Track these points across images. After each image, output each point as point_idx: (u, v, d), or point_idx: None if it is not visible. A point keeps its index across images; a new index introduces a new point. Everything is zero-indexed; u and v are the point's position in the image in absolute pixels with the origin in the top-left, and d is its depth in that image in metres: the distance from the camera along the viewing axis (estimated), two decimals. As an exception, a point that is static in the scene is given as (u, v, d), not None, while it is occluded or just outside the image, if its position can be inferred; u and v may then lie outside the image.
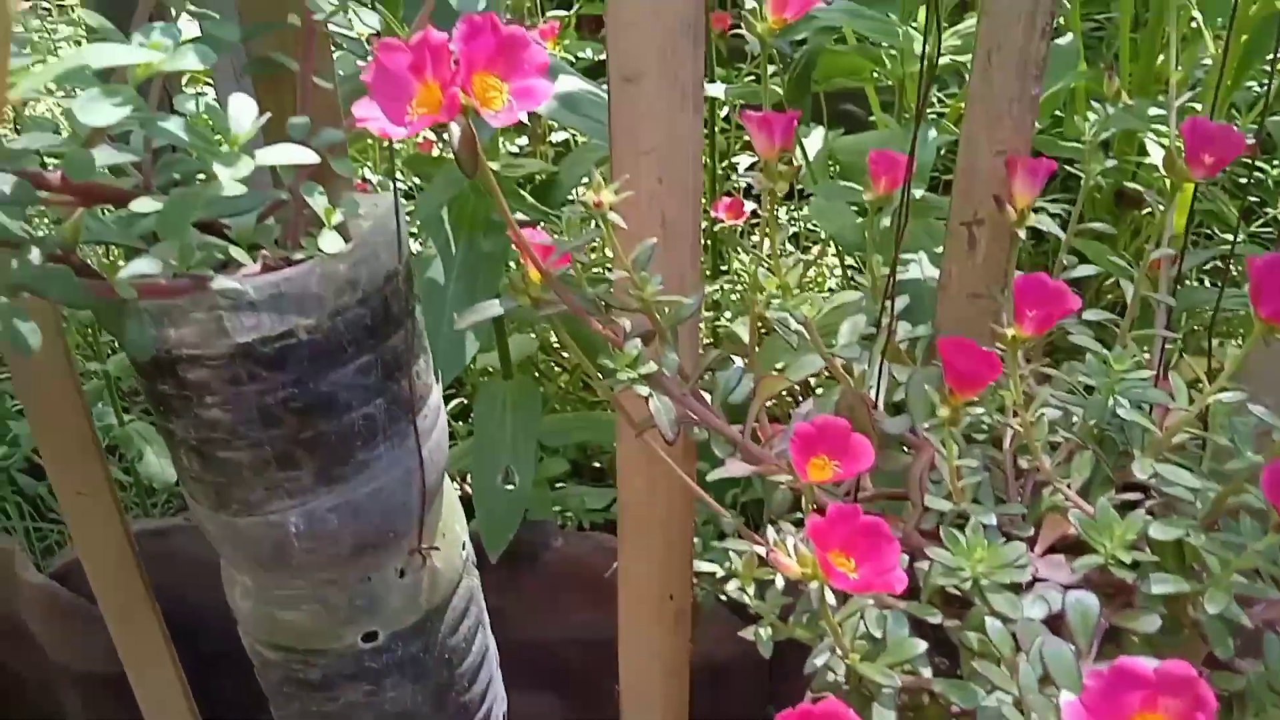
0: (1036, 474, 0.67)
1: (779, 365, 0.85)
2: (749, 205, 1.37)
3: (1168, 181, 0.71)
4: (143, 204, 0.55)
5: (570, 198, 1.24)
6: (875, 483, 0.72)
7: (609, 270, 0.80)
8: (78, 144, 0.51)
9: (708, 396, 0.68)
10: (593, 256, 1.36)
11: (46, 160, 0.72)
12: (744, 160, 1.58)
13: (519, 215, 1.16)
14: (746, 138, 1.43)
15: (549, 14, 1.66)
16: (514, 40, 0.52)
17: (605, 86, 0.71)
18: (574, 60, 1.53)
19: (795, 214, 1.57)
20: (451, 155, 0.54)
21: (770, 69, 1.25)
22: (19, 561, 1.18)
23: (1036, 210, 0.70)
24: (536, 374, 1.52)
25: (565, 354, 1.60)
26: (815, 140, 1.16)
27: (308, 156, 0.53)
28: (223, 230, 0.64)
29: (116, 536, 0.88)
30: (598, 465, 1.51)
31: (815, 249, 1.60)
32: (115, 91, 0.47)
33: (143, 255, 0.56)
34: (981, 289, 0.75)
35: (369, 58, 0.53)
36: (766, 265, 0.72)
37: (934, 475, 0.66)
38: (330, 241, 0.60)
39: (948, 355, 0.57)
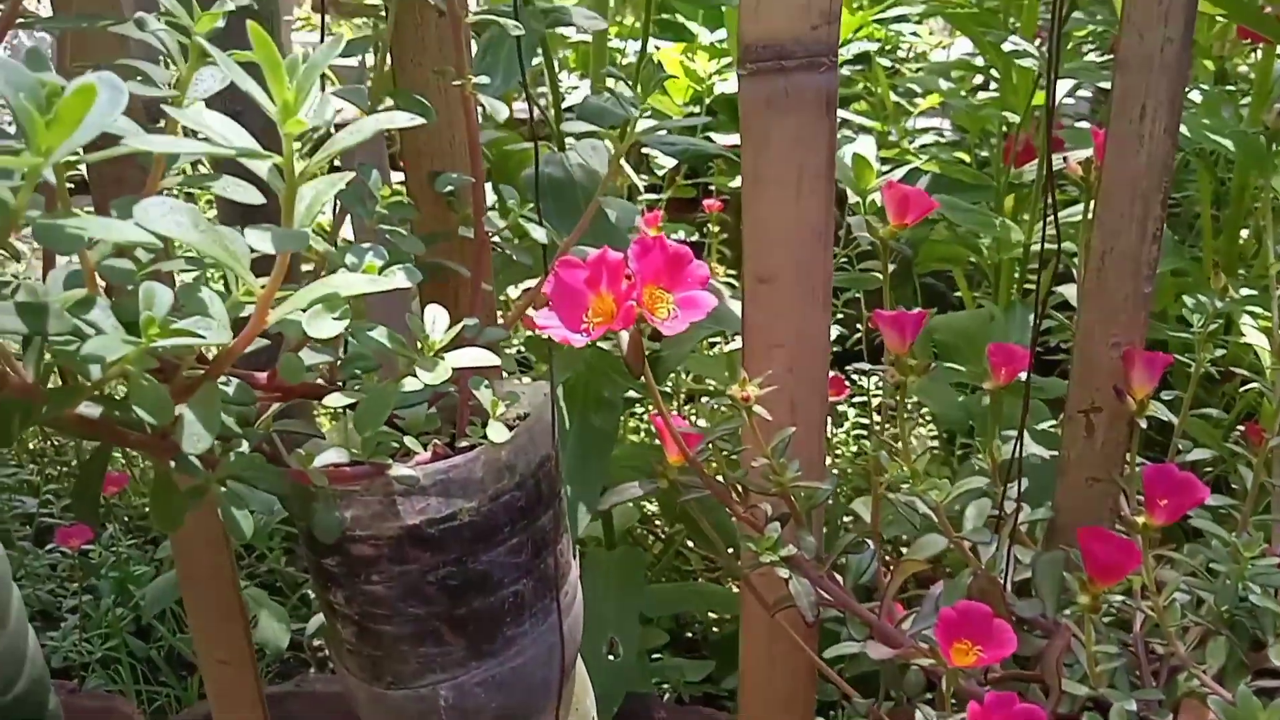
0: (1171, 659, 0.68)
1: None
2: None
3: (1270, 369, 0.74)
4: (336, 399, 0.62)
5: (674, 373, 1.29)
6: (1003, 665, 0.73)
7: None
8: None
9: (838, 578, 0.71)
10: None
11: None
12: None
13: (630, 393, 1.22)
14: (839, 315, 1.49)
15: (640, 199, 1.76)
16: (679, 257, 0.58)
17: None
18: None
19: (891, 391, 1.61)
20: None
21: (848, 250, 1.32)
22: (137, 725, 1.21)
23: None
24: (631, 544, 1.55)
25: (659, 525, 1.63)
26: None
27: (490, 359, 0.59)
28: (394, 420, 0.70)
29: (253, 704, 0.91)
30: (689, 635, 1.51)
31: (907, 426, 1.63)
32: (335, 307, 0.53)
33: (331, 446, 0.62)
34: (1100, 474, 0.77)
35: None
36: (891, 451, 0.76)
37: (1067, 658, 0.68)
38: (497, 432, 0.65)
39: (1087, 544, 0.60)
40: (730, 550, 1.43)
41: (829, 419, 1.54)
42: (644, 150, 1.82)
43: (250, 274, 0.45)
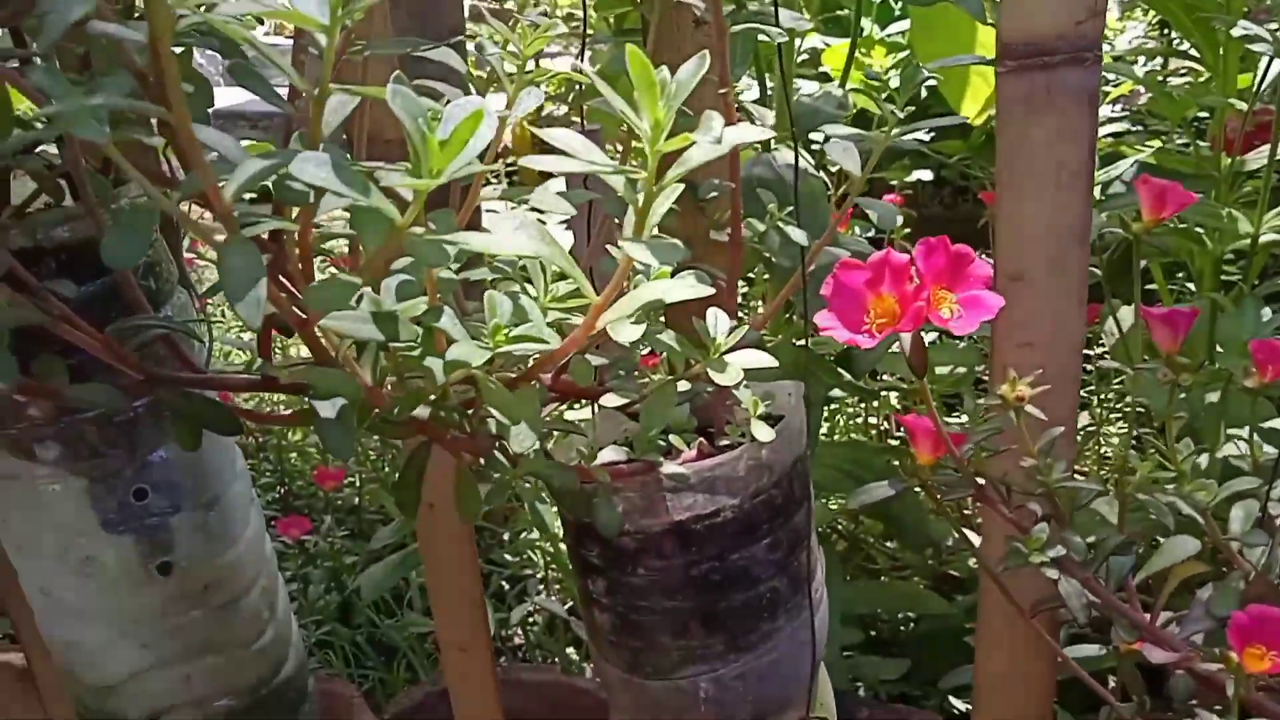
0: None
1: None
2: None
3: None
4: (611, 399, 0.64)
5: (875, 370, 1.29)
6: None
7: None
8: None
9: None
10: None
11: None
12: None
13: (835, 391, 1.22)
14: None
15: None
16: (961, 256, 0.58)
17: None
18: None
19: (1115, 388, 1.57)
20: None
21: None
22: (356, 707, 1.27)
23: None
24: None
25: (841, 524, 1.62)
26: (1127, 316, 1.18)
27: (769, 361, 0.60)
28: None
29: (489, 689, 0.95)
30: (872, 633, 1.51)
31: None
32: (644, 317, 0.55)
33: (611, 446, 0.65)
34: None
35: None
36: (1144, 451, 0.74)
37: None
38: (762, 431, 0.66)
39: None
40: (928, 550, 1.42)
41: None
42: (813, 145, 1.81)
43: (589, 284, 0.47)
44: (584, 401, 0.69)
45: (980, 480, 0.68)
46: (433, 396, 0.51)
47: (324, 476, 1.33)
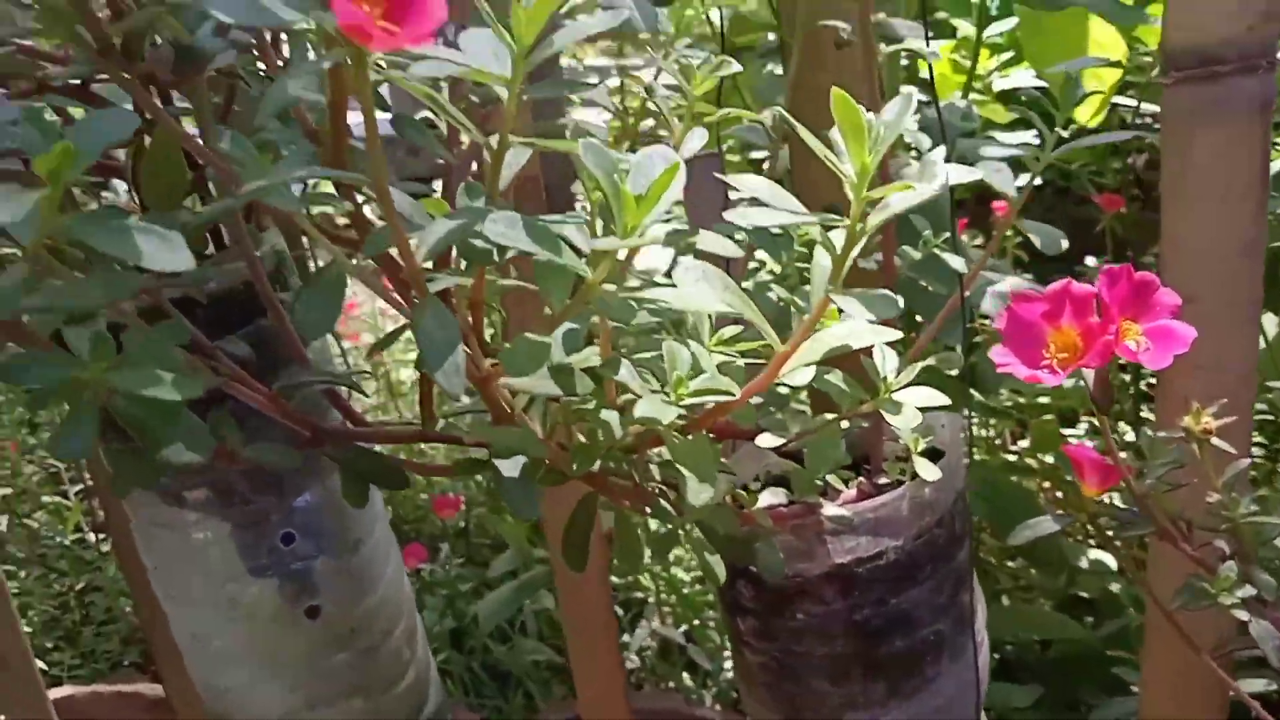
0: None
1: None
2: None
3: None
4: (767, 439, 0.62)
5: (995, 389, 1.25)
6: None
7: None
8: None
9: None
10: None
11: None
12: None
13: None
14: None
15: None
16: (1146, 284, 0.55)
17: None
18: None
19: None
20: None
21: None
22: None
23: None
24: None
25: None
26: (1271, 324, 1.13)
27: (942, 399, 0.58)
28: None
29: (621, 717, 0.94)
30: (996, 656, 1.46)
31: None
32: (811, 359, 0.52)
33: (768, 488, 0.63)
34: None
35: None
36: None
37: None
38: (928, 469, 0.64)
39: None
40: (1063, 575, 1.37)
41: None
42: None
43: (773, 332, 0.45)
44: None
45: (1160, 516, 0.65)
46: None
47: (442, 505, 1.34)
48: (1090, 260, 1.56)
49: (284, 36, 0.51)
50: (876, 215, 0.40)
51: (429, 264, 0.42)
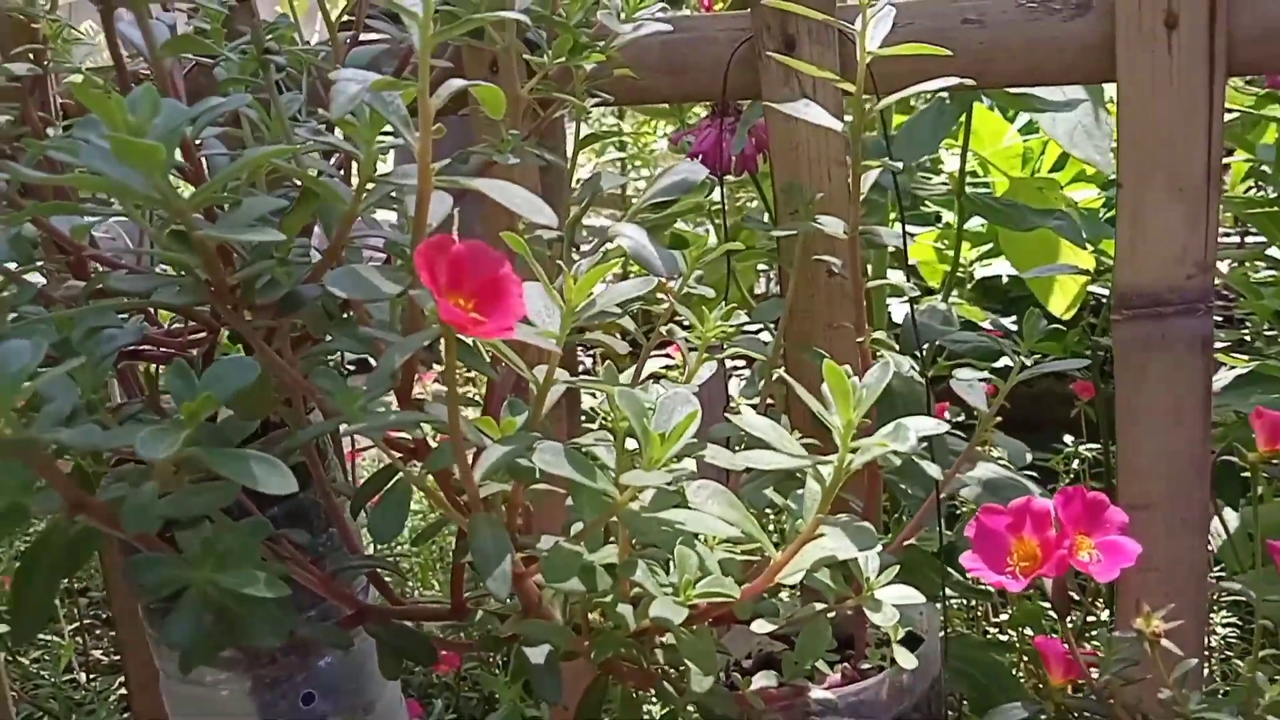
0: None
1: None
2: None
3: None
4: (761, 625, 0.68)
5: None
6: None
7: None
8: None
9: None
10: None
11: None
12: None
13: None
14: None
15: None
16: (1097, 503, 0.63)
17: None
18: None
19: None
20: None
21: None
22: None
23: None
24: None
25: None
26: (1232, 519, 1.20)
27: (917, 596, 0.64)
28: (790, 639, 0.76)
29: None
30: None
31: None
32: (802, 567, 0.59)
33: (760, 671, 0.69)
34: None
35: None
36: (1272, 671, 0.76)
37: None
38: (906, 657, 0.70)
39: None
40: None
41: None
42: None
43: (772, 547, 0.52)
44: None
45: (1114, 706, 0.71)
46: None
47: (445, 661, 1.38)
48: (1068, 438, 1.64)
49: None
50: (859, 458, 0.48)
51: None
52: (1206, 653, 1.26)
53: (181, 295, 0.50)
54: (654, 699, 0.66)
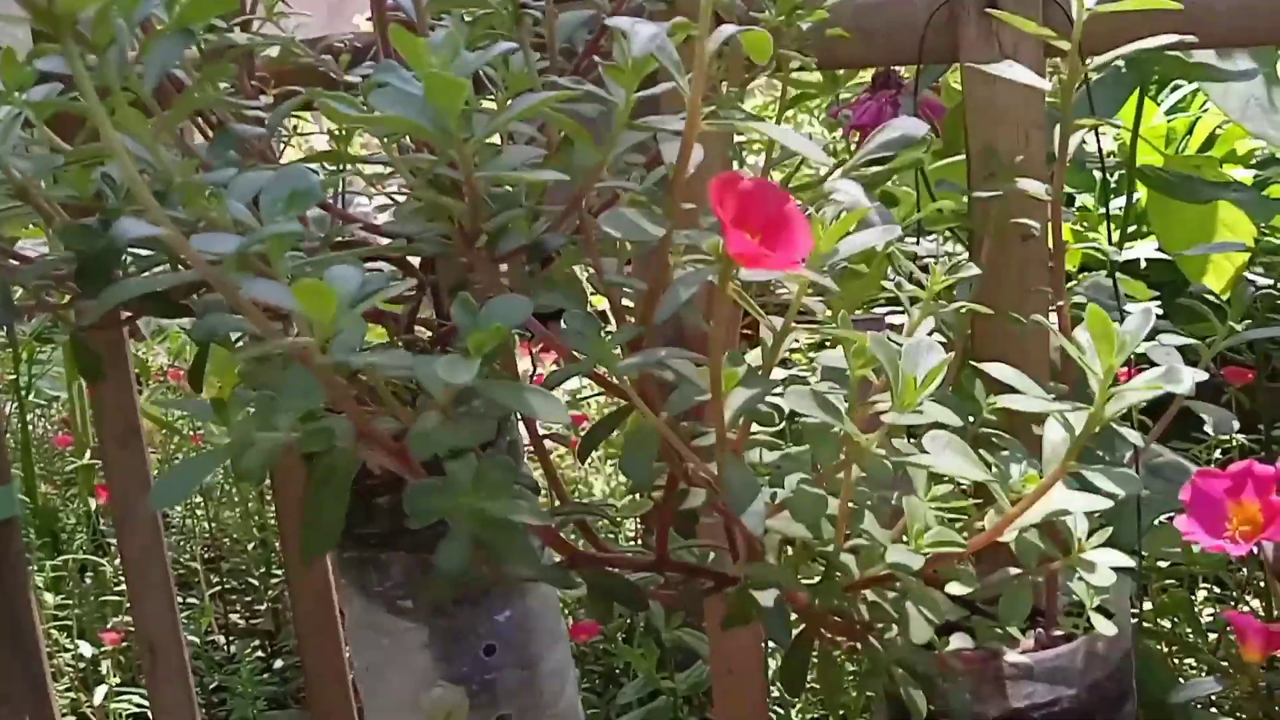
0: None
1: None
2: None
3: None
4: (956, 587, 0.68)
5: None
6: None
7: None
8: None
9: None
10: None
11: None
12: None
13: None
14: None
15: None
16: (1321, 470, 0.61)
17: None
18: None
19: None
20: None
21: None
22: None
23: None
24: None
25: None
26: None
27: (1127, 561, 0.64)
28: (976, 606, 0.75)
29: None
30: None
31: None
32: (1033, 521, 0.59)
33: (958, 633, 0.69)
34: None
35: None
36: None
37: None
38: (1103, 624, 0.69)
39: None
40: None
41: None
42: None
43: (1007, 500, 0.52)
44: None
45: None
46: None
47: (578, 630, 1.40)
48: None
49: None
50: (1114, 404, 0.47)
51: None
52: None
53: (432, 245, 0.52)
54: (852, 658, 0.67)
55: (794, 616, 0.60)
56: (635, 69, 0.46)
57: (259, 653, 1.78)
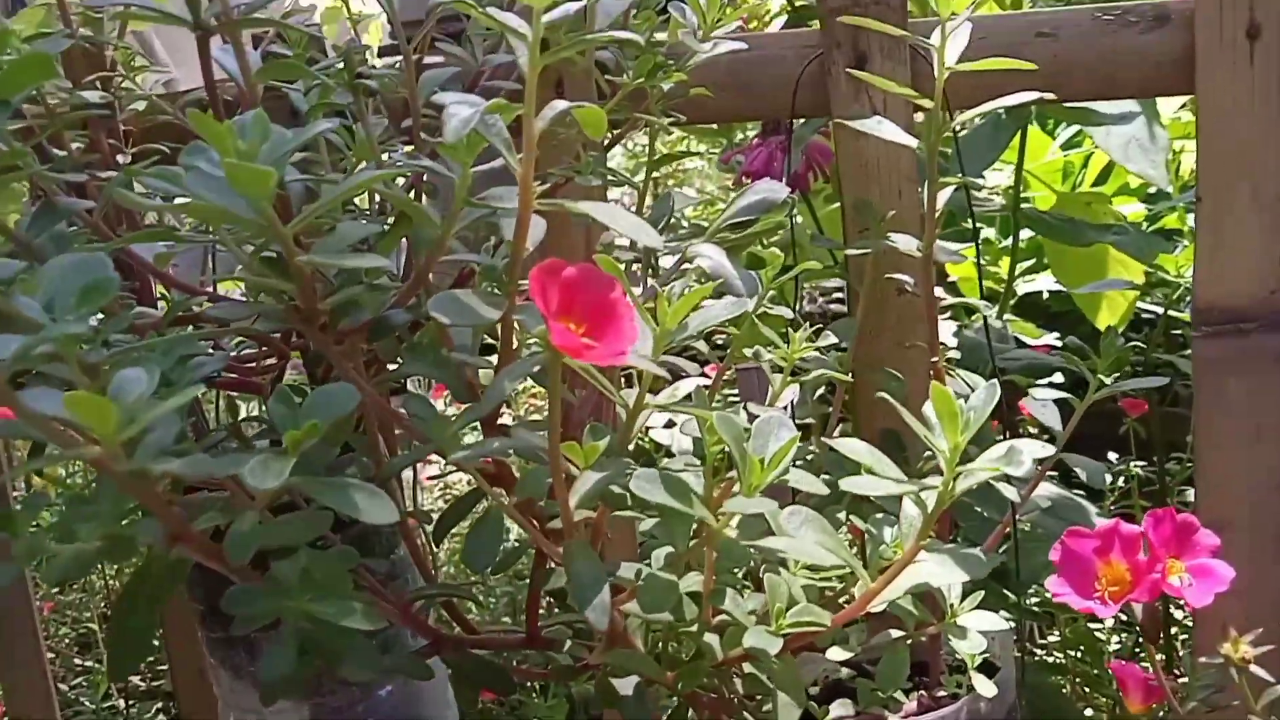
0: None
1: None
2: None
3: None
4: (835, 653, 0.67)
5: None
6: None
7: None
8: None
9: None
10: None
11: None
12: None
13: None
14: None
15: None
16: (1187, 525, 0.61)
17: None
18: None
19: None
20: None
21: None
22: None
23: None
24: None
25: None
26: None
27: (1001, 624, 0.63)
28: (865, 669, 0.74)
29: None
30: None
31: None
32: (895, 595, 0.58)
33: (839, 700, 0.67)
34: None
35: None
36: None
37: None
38: (984, 685, 0.68)
39: None
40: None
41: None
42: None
43: (867, 575, 0.51)
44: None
45: (1203, 736, 0.69)
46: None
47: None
48: (1112, 455, 1.61)
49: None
50: (963, 482, 0.46)
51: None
52: None
53: (271, 322, 0.49)
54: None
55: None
56: (469, 145, 0.44)
57: (160, 716, 1.71)
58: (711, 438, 0.48)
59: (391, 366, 0.60)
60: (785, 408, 0.59)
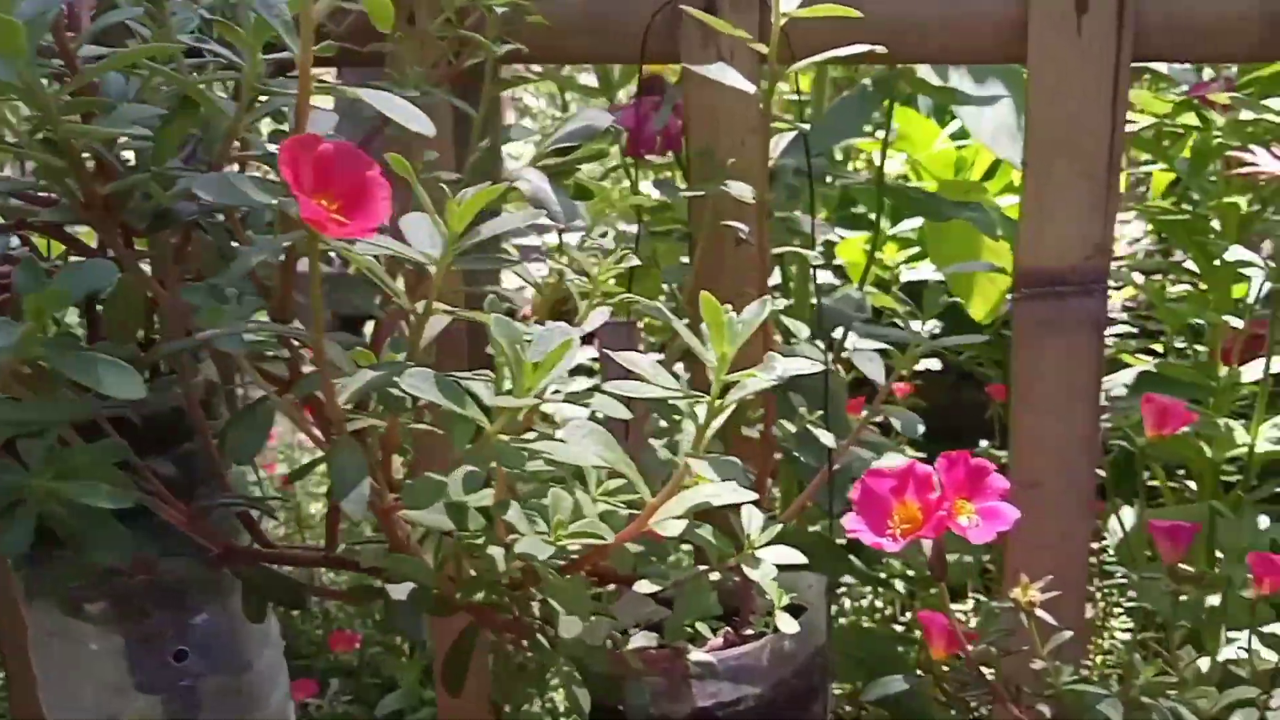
0: None
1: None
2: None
3: None
4: (644, 585, 0.68)
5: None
6: None
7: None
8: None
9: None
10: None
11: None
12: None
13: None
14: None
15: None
16: (981, 470, 0.63)
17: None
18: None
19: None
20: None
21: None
22: None
23: None
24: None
25: (845, 708, 1.62)
26: (1129, 516, 1.22)
27: (799, 557, 0.64)
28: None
29: None
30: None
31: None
32: (678, 513, 0.59)
33: (642, 632, 0.68)
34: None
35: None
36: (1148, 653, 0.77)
37: None
38: (787, 622, 0.70)
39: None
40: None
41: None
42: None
43: (644, 485, 0.52)
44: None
45: (992, 679, 0.71)
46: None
47: (338, 640, 1.35)
48: (984, 442, 1.66)
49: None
50: (733, 394, 0.47)
51: (350, 406, 0.48)
52: (1100, 656, 1.29)
53: (58, 212, 0.48)
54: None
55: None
56: (256, 32, 0.44)
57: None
58: (498, 346, 0.48)
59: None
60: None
